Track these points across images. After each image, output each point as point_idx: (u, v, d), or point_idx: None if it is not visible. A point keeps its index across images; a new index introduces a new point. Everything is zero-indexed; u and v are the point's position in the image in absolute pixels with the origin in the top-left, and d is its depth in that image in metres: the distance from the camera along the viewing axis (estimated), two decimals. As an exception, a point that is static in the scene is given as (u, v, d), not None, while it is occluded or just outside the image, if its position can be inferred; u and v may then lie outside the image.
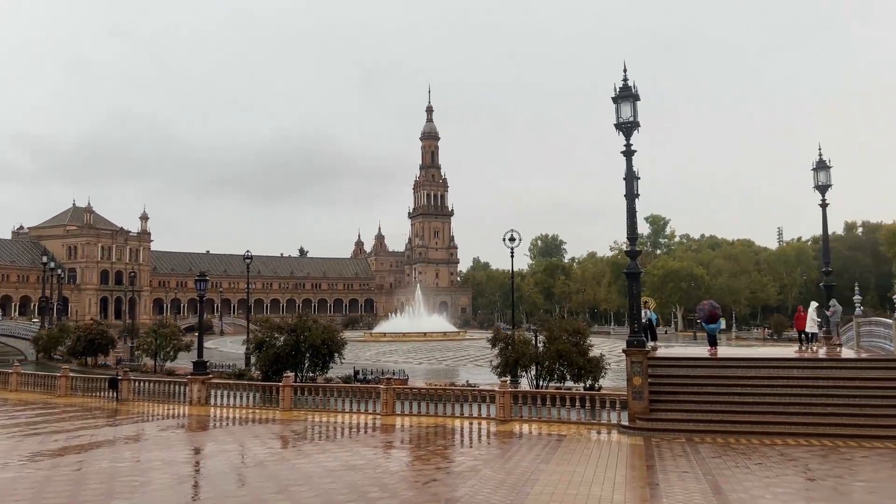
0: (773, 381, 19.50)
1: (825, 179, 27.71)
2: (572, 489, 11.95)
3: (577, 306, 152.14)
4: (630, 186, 20.84)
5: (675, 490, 11.80)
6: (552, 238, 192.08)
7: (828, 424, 17.26)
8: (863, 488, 11.89)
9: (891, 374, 19.44)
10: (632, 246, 20.56)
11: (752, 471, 13.24)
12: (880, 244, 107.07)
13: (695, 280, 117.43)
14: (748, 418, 17.95)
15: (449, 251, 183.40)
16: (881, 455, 14.77)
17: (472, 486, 12.28)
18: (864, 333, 24.91)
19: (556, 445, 16.65)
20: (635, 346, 19.27)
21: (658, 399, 19.18)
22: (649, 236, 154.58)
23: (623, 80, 20.22)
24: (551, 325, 33.94)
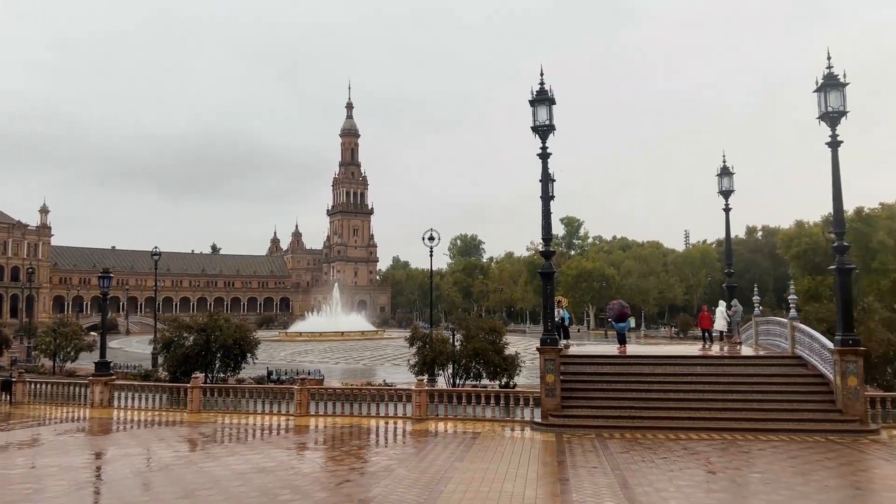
0: (678, 377, 20.31)
1: (728, 185, 29.09)
2: (485, 486, 12.06)
3: (495, 305, 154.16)
4: (545, 188, 21.25)
5: (584, 485, 12.09)
6: (471, 238, 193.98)
7: (728, 419, 18.11)
8: (758, 479, 12.52)
9: (785, 371, 20.59)
10: (547, 246, 20.97)
11: (657, 465, 13.73)
12: (778, 247, 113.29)
13: (606, 280, 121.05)
14: (655, 414, 18.61)
15: (368, 249, 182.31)
16: (775, 448, 15.60)
17: (385, 485, 12.21)
18: (762, 332, 26.25)
19: (470, 443, 16.78)
20: (549, 345, 19.66)
21: (570, 396, 19.64)
22: (564, 237, 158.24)
23: (540, 83, 20.58)
24: (469, 323, 34.18)
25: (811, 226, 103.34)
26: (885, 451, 15.39)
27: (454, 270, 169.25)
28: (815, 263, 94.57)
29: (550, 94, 20.41)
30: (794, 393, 19.23)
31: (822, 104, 18.70)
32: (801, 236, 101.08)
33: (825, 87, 18.62)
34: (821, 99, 18.75)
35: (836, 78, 18.55)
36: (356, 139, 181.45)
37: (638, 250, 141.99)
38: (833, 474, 13.23)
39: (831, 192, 18.85)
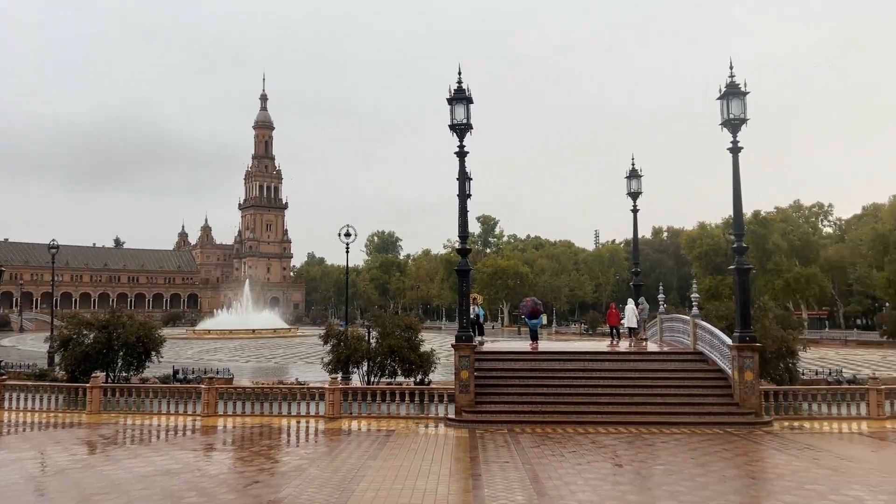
0: (588, 373, 20.87)
1: (636, 187, 30.12)
2: (398, 483, 12.02)
3: (411, 302, 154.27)
4: (462, 186, 21.41)
5: (496, 480, 12.24)
6: (388, 235, 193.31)
7: (634, 413, 18.76)
8: (662, 471, 13.01)
9: (687, 366, 21.52)
10: (463, 244, 21.13)
11: (566, 458, 14.06)
12: (682, 248, 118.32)
13: (520, 278, 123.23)
14: (565, 408, 19.06)
15: (282, 245, 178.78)
16: (678, 440, 16.26)
17: (296, 485, 11.98)
18: (666, 329, 27.35)
19: (384, 441, 16.70)
20: (463, 341, 19.81)
21: (484, 392, 19.86)
22: (480, 236, 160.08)
23: (458, 82, 20.69)
24: (385, 320, 33.99)
25: (713, 227, 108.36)
26: (777, 441, 16.31)
27: (371, 267, 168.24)
28: (716, 263, 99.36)
29: (468, 94, 20.55)
30: (696, 387, 20.11)
31: (725, 111, 19.62)
32: (704, 237, 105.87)
33: (727, 96, 19.54)
34: (723, 106, 19.66)
35: (737, 87, 19.49)
36: (270, 132, 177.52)
37: (551, 249, 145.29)
38: (730, 465, 13.90)
39: (732, 196, 19.83)
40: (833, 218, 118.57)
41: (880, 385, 20.17)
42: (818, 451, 15.01)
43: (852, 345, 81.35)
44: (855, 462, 13.95)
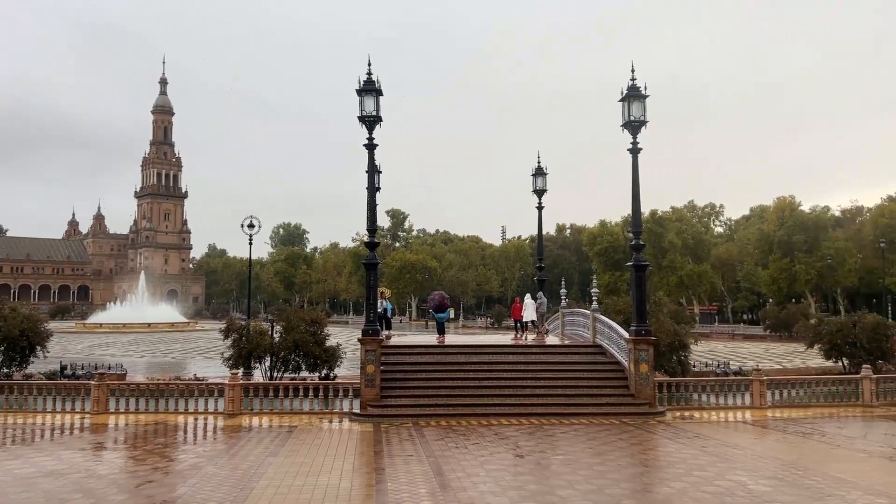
0: (492, 366, 21.20)
1: (542, 185, 30.77)
2: (300, 480, 11.80)
3: (318, 296, 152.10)
4: (371, 179, 21.23)
5: (399, 473, 12.23)
6: (295, 227, 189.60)
7: (536, 405, 19.19)
8: (561, 461, 13.37)
9: (587, 359, 22.20)
10: (371, 238, 20.96)
11: (469, 450, 14.21)
12: (584, 244, 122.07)
13: (429, 272, 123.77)
14: (470, 401, 19.28)
15: (181, 236, 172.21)
16: (577, 431, 16.76)
17: (192, 484, 11.55)
18: (567, 323, 28.11)
19: (286, 437, 16.37)
20: (370, 335, 19.68)
21: (390, 386, 19.80)
22: (389, 229, 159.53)
23: (367, 73, 20.48)
24: (289, 314, 33.40)
25: (613, 226, 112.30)
26: (669, 431, 17.08)
27: (276, 260, 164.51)
28: (615, 260, 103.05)
29: (378, 85, 20.38)
30: (595, 379, 20.78)
31: (626, 113, 20.33)
32: (604, 235, 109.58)
33: (629, 98, 20.24)
34: (624, 108, 20.36)
35: (638, 90, 20.22)
36: (170, 117, 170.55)
37: (459, 244, 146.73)
38: (625, 454, 14.45)
39: (631, 196, 20.58)
40: (724, 218, 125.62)
41: (763, 376, 21.48)
42: (706, 440, 15.83)
43: (739, 338, 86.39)
44: (739, 449, 14.80)
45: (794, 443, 15.74)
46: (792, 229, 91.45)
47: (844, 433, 16.76)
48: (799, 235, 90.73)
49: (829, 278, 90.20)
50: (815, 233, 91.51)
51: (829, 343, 41.38)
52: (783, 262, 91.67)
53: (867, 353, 37.98)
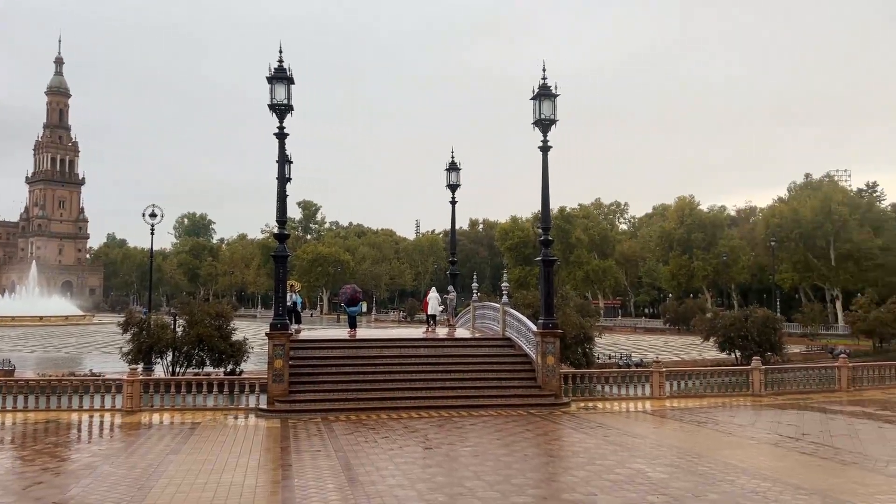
0: (403, 359, 21.20)
1: (455, 179, 30.99)
2: (202, 478, 11.43)
3: (224, 289, 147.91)
4: (282, 169, 20.79)
5: (306, 469, 12.05)
6: (200, 217, 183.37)
7: (446, 397, 19.32)
8: (469, 452, 13.52)
9: (496, 352, 22.55)
10: (281, 229, 20.53)
11: (379, 444, 14.17)
12: (496, 239, 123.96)
13: (341, 265, 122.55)
14: (380, 395, 19.22)
15: (77, 224, 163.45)
16: (485, 422, 17.00)
17: (86, 485, 10.99)
18: (478, 316, 28.46)
19: (188, 434, 15.83)
20: (279, 330, 19.29)
21: (298, 381, 19.48)
22: (301, 221, 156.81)
23: (279, 60, 20.02)
24: (193, 308, 32.36)
25: (524, 221, 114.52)
26: (574, 421, 17.59)
27: (180, 251, 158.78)
28: (525, 255, 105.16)
29: (289, 73, 19.95)
30: (504, 371, 21.14)
31: (537, 112, 20.72)
32: (515, 230, 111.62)
33: (540, 97, 20.64)
34: (536, 107, 20.75)
35: (549, 89, 20.65)
36: (66, 99, 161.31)
37: (373, 237, 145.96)
38: (532, 444, 14.78)
39: (541, 192, 21.02)
40: (628, 216, 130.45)
41: (662, 368, 22.43)
42: (608, 429, 16.39)
43: (641, 331, 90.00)
44: (639, 438, 15.40)
45: (689, 431, 16.52)
46: (691, 227, 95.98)
47: (736, 421, 17.72)
48: (697, 233, 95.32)
49: (724, 275, 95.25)
50: (713, 231, 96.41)
51: (723, 336, 43.79)
52: (682, 258, 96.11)
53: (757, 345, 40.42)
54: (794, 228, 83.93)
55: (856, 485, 10.98)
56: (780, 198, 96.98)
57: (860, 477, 11.52)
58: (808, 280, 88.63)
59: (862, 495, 10.30)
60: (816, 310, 74.45)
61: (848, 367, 24.23)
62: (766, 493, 10.41)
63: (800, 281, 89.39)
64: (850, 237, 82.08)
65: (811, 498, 10.10)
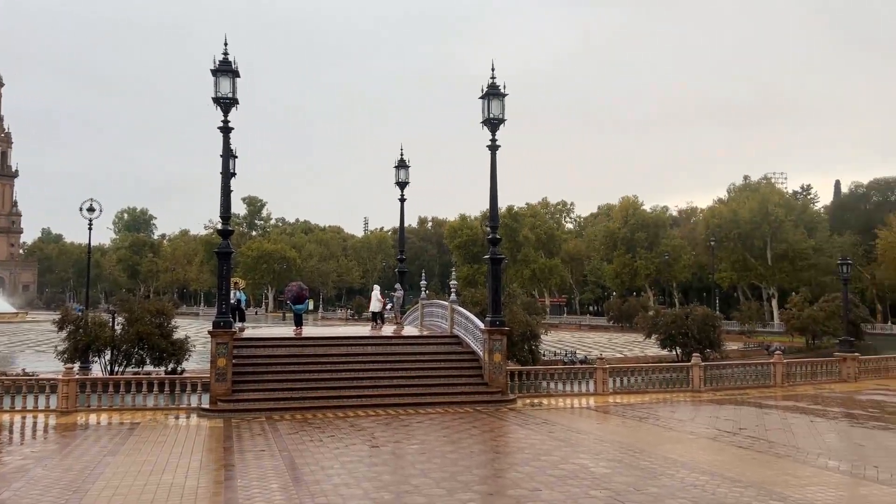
0: (350, 357, 21.05)
1: (404, 177, 30.93)
2: (141, 480, 11.13)
3: (166, 286, 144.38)
4: (226, 164, 20.42)
5: (250, 469, 11.85)
6: (141, 212, 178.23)
7: (393, 395, 19.27)
8: (416, 450, 13.52)
9: (444, 349, 22.58)
10: (225, 225, 20.15)
11: (324, 443, 14.04)
12: (444, 237, 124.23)
13: (287, 262, 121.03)
14: (327, 393, 19.05)
15: (10, 218, 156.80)
16: (432, 420, 17.02)
17: (17, 489, 10.57)
18: (426, 314, 28.45)
19: (127, 435, 15.40)
20: (222, 328, 18.92)
21: (242, 380, 19.15)
22: (246, 217, 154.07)
23: (224, 53, 19.64)
24: (133, 305, 31.51)
25: (472, 220, 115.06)
26: (519, 417, 17.76)
27: (119, 247, 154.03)
28: (473, 253, 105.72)
29: (235, 66, 19.58)
30: (451, 369, 21.20)
31: (485, 111, 20.82)
32: (464, 229, 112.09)
33: (489, 96, 20.74)
34: (484, 106, 20.85)
35: (497, 88, 20.77)
36: None
37: (320, 234, 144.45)
38: (478, 441, 14.86)
39: (489, 191, 21.14)
40: (574, 215, 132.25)
41: (605, 365, 22.84)
42: (553, 425, 16.60)
43: (586, 329, 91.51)
44: (583, 434, 15.66)
45: (632, 426, 16.87)
46: (634, 227, 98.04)
47: (676, 417, 18.18)
48: (640, 233, 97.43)
49: (666, 273, 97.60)
50: (655, 231, 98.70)
51: (664, 333, 44.88)
52: (626, 257, 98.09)
53: (697, 342, 41.53)
54: (733, 229, 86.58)
55: (788, 476, 11.39)
56: (719, 199, 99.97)
57: (793, 469, 11.96)
58: (746, 279, 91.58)
59: (794, 486, 10.69)
60: (753, 308, 77.02)
61: (782, 363, 25.11)
62: (704, 486, 10.70)
63: (738, 280, 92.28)
64: (786, 238, 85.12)
65: (747, 490, 10.43)
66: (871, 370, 27.40)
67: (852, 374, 26.01)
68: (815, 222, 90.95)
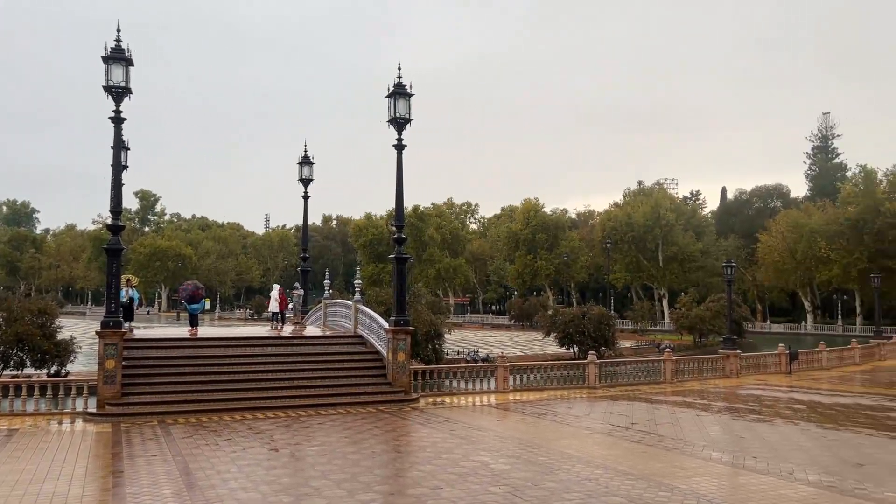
0: (249, 358, 20.50)
1: (308, 174, 30.45)
2: (19, 489, 10.41)
3: (49, 283, 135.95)
4: (118, 156, 19.47)
5: (140, 475, 11.33)
6: (22, 205, 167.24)
7: (294, 397, 18.92)
8: (316, 452, 13.32)
9: (347, 349, 22.39)
10: (115, 220, 19.18)
11: (220, 447, 13.60)
12: (349, 236, 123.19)
13: (183, 260, 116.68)
14: (224, 396, 18.47)
15: None
16: (334, 421, 16.82)
17: None
18: (330, 314, 28.13)
19: (4, 442, 14.37)
20: (111, 328, 18.01)
21: (133, 382, 18.30)
22: (138, 212, 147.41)
23: (116, 40, 18.69)
24: (12, 304, 29.53)
25: (378, 219, 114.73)
26: (422, 416, 17.83)
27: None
28: (379, 252, 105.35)
29: (128, 54, 18.66)
30: (354, 369, 21.04)
31: (392, 110, 20.78)
32: (369, 227, 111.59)
33: (395, 96, 20.72)
34: (391, 105, 20.81)
35: (404, 88, 20.78)
36: None
37: (218, 231, 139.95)
38: (380, 441, 14.80)
39: (395, 190, 21.12)
40: (478, 216, 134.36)
41: (506, 363, 23.30)
42: (455, 423, 16.77)
43: (488, 328, 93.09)
44: (483, 431, 15.89)
45: (531, 423, 17.28)
46: (536, 229, 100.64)
47: (573, 413, 18.76)
48: (541, 234, 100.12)
49: (565, 274, 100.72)
50: (555, 232, 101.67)
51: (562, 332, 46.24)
52: (527, 258, 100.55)
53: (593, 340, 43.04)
54: (628, 232, 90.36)
55: (676, 468, 11.98)
56: (615, 203, 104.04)
57: (680, 461, 12.59)
58: (639, 280, 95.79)
59: (681, 477, 11.26)
60: (646, 307, 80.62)
61: (672, 360, 26.42)
62: (598, 479, 11.10)
63: (632, 280, 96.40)
64: (676, 241, 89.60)
65: (638, 482, 10.89)
66: (751, 366, 29.27)
67: (734, 371, 27.68)
68: (703, 226, 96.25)
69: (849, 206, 78.17)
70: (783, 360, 29.89)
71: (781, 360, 29.94)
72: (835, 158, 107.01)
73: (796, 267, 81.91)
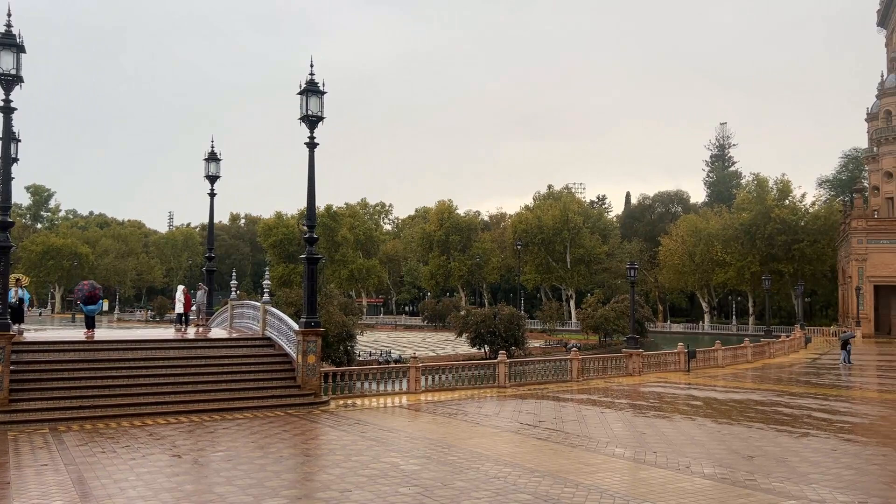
0: (150, 362, 19.66)
1: (215, 170, 29.49)
2: None
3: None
4: (7, 148, 18.23)
5: (30, 486, 10.66)
6: None
7: (198, 401, 18.27)
8: (221, 457, 12.91)
9: (255, 352, 21.83)
10: (3, 215, 17.95)
11: (118, 454, 12.99)
12: (258, 235, 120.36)
13: (79, 259, 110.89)
14: (123, 401, 17.63)
15: None
16: (240, 425, 16.36)
17: None
18: (236, 315, 27.34)
19: None
20: (-2, 330, 16.83)
21: (22, 388, 17.20)
22: (30, 208, 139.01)
23: (6, 25, 17.52)
24: None
25: (289, 218, 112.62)
26: (332, 419, 17.61)
27: None
28: (289, 252, 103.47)
29: (20, 40, 17.53)
30: (262, 372, 20.53)
31: (304, 107, 20.42)
32: (280, 227, 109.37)
33: (307, 93, 20.37)
34: (303, 102, 20.45)
35: (316, 85, 20.45)
36: None
37: (117, 229, 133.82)
38: (288, 444, 14.52)
39: (307, 189, 20.77)
40: (392, 217, 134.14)
41: (418, 364, 23.32)
42: (366, 425, 16.65)
43: (401, 329, 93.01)
44: (394, 432, 15.85)
45: (441, 423, 17.37)
46: (449, 230, 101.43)
47: (483, 412, 18.98)
48: (455, 236, 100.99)
49: (477, 275, 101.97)
50: (468, 234, 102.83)
51: (474, 332, 46.83)
52: (441, 259, 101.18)
53: (504, 340, 43.80)
54: (538, 234, 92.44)
55: (581, 465, 12.33)
56: (526, 206, 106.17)
57: (585, 458, 12.97)
58: (548, 281, 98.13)
59: (586, 473, 11.59)
60: (554, 308, 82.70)
61: (578, 359, 27.18)
62: (506, 477, 11.28)
63: (541, 281, 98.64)
64: (583, 243, 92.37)
65: (544, 479, 11.14)
66: (653, 365, 30.50)
67: (637, 369, 28.77)
68: (609, 230, 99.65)
69: (743, 213, 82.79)
70: (682, 359, 31.30)
71: (681, 358, 31.35)
72: (731, 167, 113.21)
73: (695, 269, 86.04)
